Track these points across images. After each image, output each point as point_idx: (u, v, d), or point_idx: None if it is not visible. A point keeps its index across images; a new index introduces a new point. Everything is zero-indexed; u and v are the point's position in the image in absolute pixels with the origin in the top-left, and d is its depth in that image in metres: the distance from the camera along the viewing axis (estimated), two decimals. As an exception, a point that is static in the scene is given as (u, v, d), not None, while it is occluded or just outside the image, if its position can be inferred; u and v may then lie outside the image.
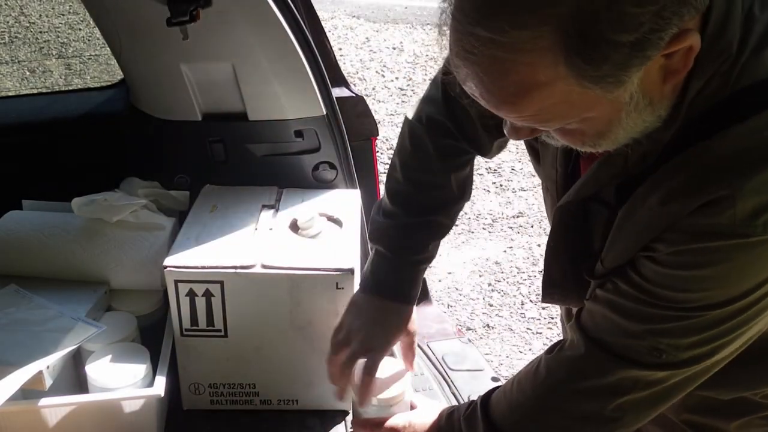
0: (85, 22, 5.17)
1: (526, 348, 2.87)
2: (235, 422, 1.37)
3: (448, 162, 1.19)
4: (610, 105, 0.75)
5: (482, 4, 0.70)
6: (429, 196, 1.20)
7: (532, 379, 1.00)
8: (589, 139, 0.81)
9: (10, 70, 4.89)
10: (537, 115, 0.76)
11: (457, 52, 0.74)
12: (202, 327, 1.30)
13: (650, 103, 0.77)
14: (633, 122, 0.78)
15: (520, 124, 0.81)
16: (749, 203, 0.76)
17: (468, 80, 0.75)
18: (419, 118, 1.19)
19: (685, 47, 0.72)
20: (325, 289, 1.28)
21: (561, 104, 0.74)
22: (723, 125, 0.78)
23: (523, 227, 3.60)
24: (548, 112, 0.75)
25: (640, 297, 0.87)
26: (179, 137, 1.67)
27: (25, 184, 1.68)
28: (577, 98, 0.73)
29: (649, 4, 0.67)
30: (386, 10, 6.14)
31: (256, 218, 1.43)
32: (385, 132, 4.31)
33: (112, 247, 1.41)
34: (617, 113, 0.77)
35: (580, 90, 0.72)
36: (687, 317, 0.84)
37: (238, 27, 1.45)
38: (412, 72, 5.16)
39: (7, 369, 1.13)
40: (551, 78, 0.70)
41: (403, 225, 1.20)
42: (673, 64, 0.74)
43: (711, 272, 0.81)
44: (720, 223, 0.78)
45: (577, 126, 0.79)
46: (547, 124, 0.80)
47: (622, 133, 0.80)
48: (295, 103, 1.58)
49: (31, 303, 1.32)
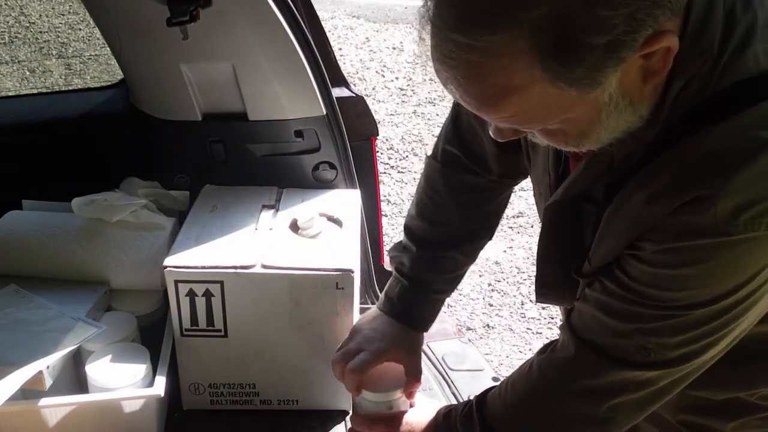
0: (85, 22, 5.17)
1: (526, 348, 2.87)
2: (235, 422, 1.37)
3: (463, 199, 1.21)
4: (589, 106, 0.76)
5: (459, 10, 0.71)
6: (440, 232, 1.23)
7: (525, 379, 1.01)
8: (572, 140, 0.82)
9: (10, 70, 4.89)
10: (517, 116, 0.77)
11: (436, 56, 0.75)
12: (202, 327, 1.30)
13: (631, 103, 0.78)
14: (615, 122, 0.79)
15: (503, 125, 0.82)
16: (730, 203, 0.76)
17: (448, 84, 0.77)
18: (435, 154, 1.23)
19: (662, 48, 0.73)
20: (325, 289, 1.28)
21: (539, 106, 0.75)
22: (704, 125, 0.79)
23: (523, 227, 3.60)
24: (527, 113, 0.76)
25: (626, 296, 0.87)
26: (179, 137, 1.67)
27: (25, 184, 1.68)
28: (555, 100, 0.74)
29: (622, 7, 0.68)
30: (386, 10, 6.14)
31: (256, 218, 1.43)
32: (385, 132, 4.31)
33: (112, 247, 1.41)
34: (598, 114, 0.78)
35: (558, 92, 0.73)
36: (673, 316, 0.85)
37: (238, 27, 1.45)
38: (412, 72, 5.16)
39: (7, 369, 1.14)
40: (528, 81, 0.72)
41: (416, 258, 1.23)
42: (653, 65, 0.75)
43: (695, 271, 0.82)
44: (702, 222, 0.78)
45: (559, 126, 0.80)
46: (528, 125, 0.81)
47: (604, 133, 0.81)
48: (295, 103, 1.58)
49: (31, 303, 1.32)
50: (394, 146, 4.20)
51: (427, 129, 4.41)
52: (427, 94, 4.84)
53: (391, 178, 3.85)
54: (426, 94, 4.84)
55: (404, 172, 3.90)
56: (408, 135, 4.34)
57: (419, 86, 4.95)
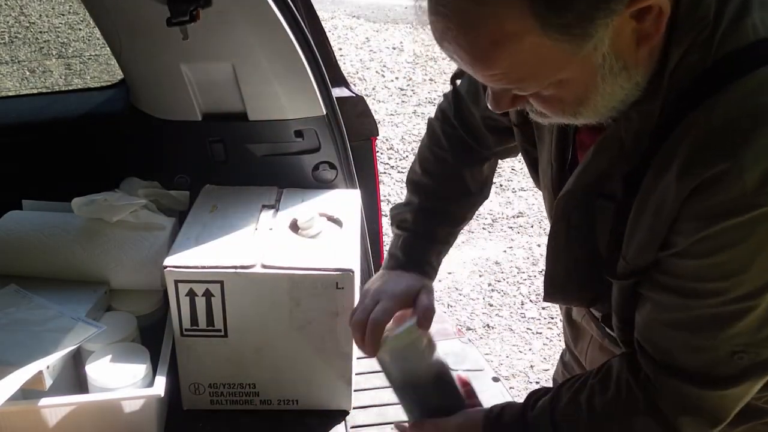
0: (85, 22, 5.17)
1: (526, 348, 2.87)
2: (235, 422, 1.37)
3: (460, 156, 1.23)
4: (583, 66, 0.76)
5: None
6: (442, 185, 1.25)
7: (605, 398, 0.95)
8: (568, 107, 0.81)
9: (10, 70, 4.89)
10: (509, 72, 0.76)
11: (432, 10, 0.76)
12: (202, 327, 1.30)
13: (625, 67, 0.77)
14: (610, 88, 0.78)
15: (497, 86, 0.81)
16: (755, 172, 0.74)
17: (443, 39, 0.77)
18: (436, 113, 1.27)
19: (654, 10, 0.73)
20: (325, 289, 1.28)
21: (531, 60, 0.75)
22: (706, 96, 0.78)
23: (523, 227, 3.60)
24: (520, 68, 0.76)
25: (688, 303, 0.83)
26: (179, 137, 1.67)
27: (25, 184, 1.68)
28: (547, 53, 0.74)
29: None
30: (386, 10, 6.14)
31: (256, 218, 1.43)
32: (385, 132, 4.31)
33: (112, 247, 1.41)
34: (593, 77, 0.77)
35: (549, 43, 0.73)
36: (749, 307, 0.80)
37: (238, 27, 1.45)
38: (412, 72, 5.16)
39: (7, 369, 1.14)
40: (519, 29, 0.72)
41: (419, 210, 1.24)
42: (645, 28, 0.75)
43: (742, 251, 0.78)
44: (730, 199, 0.76)
45: (555, 91, 0.79)
46: (521, 85, 0.80)
47: (600, 101, 0.80)
48: (295, 103, 1.58)
49: (31, 303, 1.32)
50: (394, 146, 4.20)
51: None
52: (427, 94, 4.84)
53: (391, 178, 3.85)
54: (426, 94, 4.84)
55: (404, 172, 3.89)
56: (408, 135, 4.34)
57: (419, 86, 4.95)
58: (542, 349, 2.86)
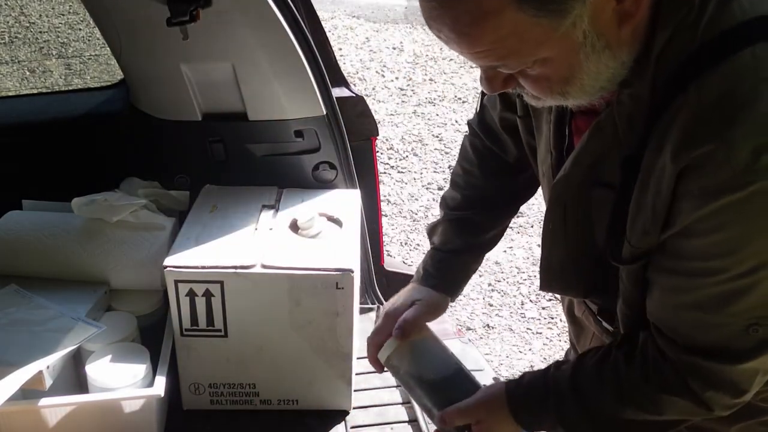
0: (85, 22, 5.17)
1: (526, 348, 2.87)
2: (235, 422, 1.37)
3: (487, 167, 1.25)
4: (564, 42, 0.77)
5: None
6: (465, 195, 1.26)
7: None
8: (556, 86, 0.83)
9: (10, 70, 4.89)
10: (492, 49, 0.78)
11: None
12: (202, 327, 1.30)
13: (608, 46, 0.78)
14: (595, 66, 0.80)
15: (484, 64, 0.83)
16: (744, 150, 0.75)
17: (429, 18, 0.78)
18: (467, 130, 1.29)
19: None
20: (325, 289, 1.28)
21: (512, 37, 0.76)
22: (695, 77, 0.78)
23: (523, 227, 3.60)
24: (502, 46, 0.77)
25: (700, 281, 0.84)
26: (179, 137, 1.67)
27: (25, 184, 1.68)
28: (527, 30, 0.75)
29: None
30: (386, 10, 6.14)
31: (256, 218, 1.43)
32: (385, 132, 4.31)
33: (112, 247, 1.41)
34: (576, 55, 0.78)
35: (528, 19, 0.74)
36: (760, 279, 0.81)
37: (238, 27, 1.45)
38: (412, 72, 5.15)
39: (7, 369, 1.14)
40: (497, 5, 0.73)
41: (444, 222, 1.25)
42: (626, 7, 0.76)
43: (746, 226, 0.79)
44: (723, 177, 0.77)
45: (540, 70, 0.81)
46: (506, 62, 0.81)
47: (587, 79, 0.81)
48: (295, 103, 1.58)
49: (31, 303, 1.32)
50: (394, 146, 4.20)
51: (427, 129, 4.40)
52: (427, 94, 4.84)
53: (391, 178, 3.85)
54: (426, 94, 4.84)
55: (404, 172, 3.90)
56: (408, 135, 4.34)
57: (419, 86, 4.95)
58: (542, 349, 2.86)
